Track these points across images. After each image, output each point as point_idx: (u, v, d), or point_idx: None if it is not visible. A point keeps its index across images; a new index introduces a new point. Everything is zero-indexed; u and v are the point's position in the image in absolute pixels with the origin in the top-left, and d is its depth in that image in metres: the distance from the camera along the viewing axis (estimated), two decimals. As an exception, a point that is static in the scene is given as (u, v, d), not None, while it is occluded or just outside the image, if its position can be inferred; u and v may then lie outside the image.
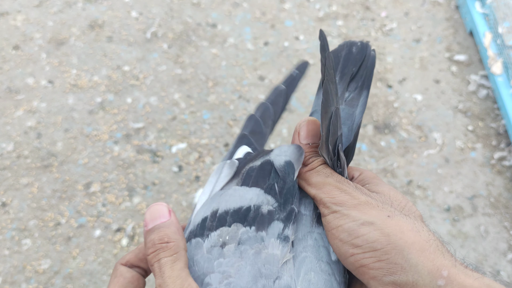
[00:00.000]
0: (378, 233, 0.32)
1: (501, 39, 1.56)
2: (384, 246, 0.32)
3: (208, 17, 1.74)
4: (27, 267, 1.20)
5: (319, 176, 0.38)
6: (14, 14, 1.72)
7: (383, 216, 0.34)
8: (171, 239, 0.37)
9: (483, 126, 1.49)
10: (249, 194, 0.39)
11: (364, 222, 0.33)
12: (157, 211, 0.39)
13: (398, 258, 0.31)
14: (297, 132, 0.40)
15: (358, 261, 0.33)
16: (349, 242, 0.34)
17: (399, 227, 0.33)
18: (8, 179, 1.34)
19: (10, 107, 1.48)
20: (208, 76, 1.57)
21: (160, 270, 0.35)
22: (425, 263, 0.31)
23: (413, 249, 0.31)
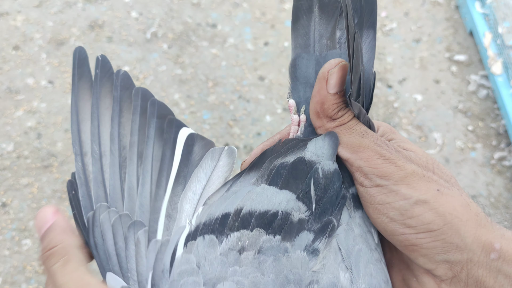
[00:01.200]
0: (433, 214, 0.31)
1: (501, 39, 1.56)
2: (441, 227, 0.31)
3: (208, 17, 1.74)
4: (27, 267, 1.20)
5: (352, 135, 0.34)
6: (14, 15, 1.72)
7: (433, 190, 0.32)
8: (56, 243, 0.34)
9: (483, 126, 1.49)
10: (279, 197, 0.34)
11: (417, 201, 0.31)
12: (42, 218, 0.36)
13: (455, 237, 0.31)
14: (325, 79, 0.34)
15: (409, 240, 0.32)
16: (400, 222, 0.32)
17: (452, 204, 0.31)
18: (8, 179, 1.34)
19: (10, 108, 1.48)
20: (208, 76, 1.57)
21: (52, 279, 0.33)
22: (480, 239, 0.31)
23: (468, 227, 0.31)
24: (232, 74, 1.58)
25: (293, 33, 0.39)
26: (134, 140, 0.41)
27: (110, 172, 0.40)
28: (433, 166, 0.34)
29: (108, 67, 0.42)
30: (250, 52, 1.64)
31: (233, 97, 1.53)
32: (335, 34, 0.37)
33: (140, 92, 0.42)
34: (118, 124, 0.41)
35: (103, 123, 0.41)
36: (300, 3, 0.38)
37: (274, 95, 1.53)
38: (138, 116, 0.41)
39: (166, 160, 0.39)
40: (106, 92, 0.42)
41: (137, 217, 0.38)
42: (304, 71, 0.38)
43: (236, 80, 1.57)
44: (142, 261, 0.36)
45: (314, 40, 0.38)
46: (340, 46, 0.37)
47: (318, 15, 0.37)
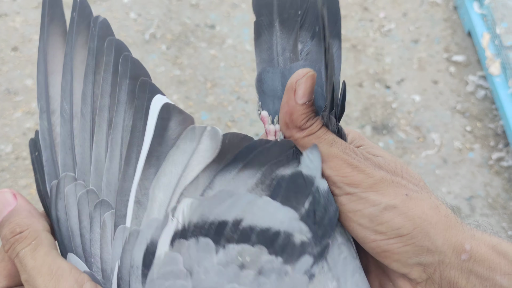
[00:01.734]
0: (402, 218, 0.31)
1: (499, 39, 1.56)
2: (411, 231, 0.31)
3: (206, 18, 1.74)
4: (25, 268, 1.20)
5: (321, 144, 0.34)
6: (13, 16, 1.72)
7: (402, 195, 0.32)
8: (23, 227, 0.32)
9: (481, 126, 1.49)
10: (281, 214, 0.33)
11: (386, 207, 0.31)
12: (1, 201, 0.34)
13: (425, 241, 0.31)
14: (293, 90, 0.34)
15: (381, 247, 0.32)
16: (370, 228, 0.32)
17: (421, 208, 0.32)
18: (6, 180, 1.34)
19: (9, 109, 1.48)
20: (206, 77, 1.58)
21: (22, 264, 0.31)
22: (450, 241, 0.31)
23: (437, 230, 0.31)
24: (230, 75, 1.58)
25: (257, 49, 0.39)
26: (105, 103, 0.36)
27: (79, 138, 0.35)
28: (402, 170, 0.34)
29: (88, 12, 0.37)
30: (249, 53, 1.64)
31: (231, 98, 1.53)
32: (297, 47, 0.38)
33: (114, 43, 0.36)
34: (92, 82, 0.36)
35: (77, 79, 0.37)
36: (261, 20, 0.38)
37: (273, 96, 1.53)
38: (111, 75, 0.36)
39: (136, 133, 0.34)
40: (83, 41, 0.37)
41: (103, 195, 0.34)
42: (271, 84, 0.38)
43: (235, 81, 1.57)
44: (107, 248, 0.33)
45: (277, 54, 0.38)
46: (303, 58, 0.38)
47: (279, 30, 0.38)
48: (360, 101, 1.53)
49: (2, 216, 0.33)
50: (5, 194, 0.34)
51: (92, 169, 0.34)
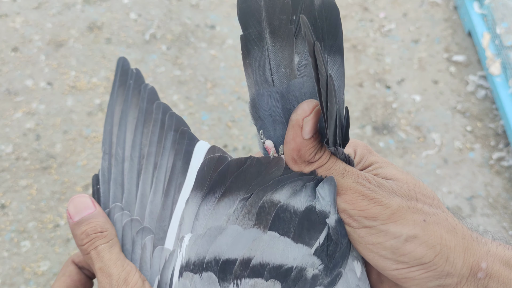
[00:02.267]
0: (424, 248, 0.32)
1: (499, 39, 1.56)
2: (432, 259, 0.32)
3: (206, 19, 1.74)
4: (26, 269, 1.20)
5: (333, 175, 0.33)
6: (13, 16, 1.72)
7: (420, 222, 0.32)
8: (104, 228, 0.38)
9: (481, 126, 1.49)
10: (294, 252, 0.32)
11: (408, 238, 0.32)
12: (81, 203, 0.39)
13: (446, 266, 0.32)
14: (300, 126, 0.32)
15: (402, 275, 0.33)
16: (393, 259, 0.32)
17: (439, 233, 0.32)
18: (7, 181, 1.34)
19: (9, 109, 1.48)
20: (206, 78, 1.58)
21: (99, 256, 0.37)
22: (468, 262, 0.32)
23: (456, 253, 0.32)
24: (230, 75, 1.58)
25: (247, 69, 0.35)
26: (152, 151, 0.41)
27: (128, 177, 0.41)
28: (415, 191, 0.34)
29: (141, 81, 0.44)
30: (249, 53, 1.64)
31: (231, 98, 1.53)
32: (293, 60, 0.33)
33: (161, 106, 0.43)
34: (140, 134, 0.42)
35: (129, 130, 0.43)
36: (248, 32, 0.33)
37: (273, 96, 1.53)
38: (158, 129, 0.42)
39: (176, 171, 0.39)
40: (135, 103, 0.43)
41: (146, 223, 0.39)
42: (268, 109, 0.35)
43: (235, 81, 1.57)
44: (146, 266, 0.38)
45: (271, 72, 0.34)
46: (301, 74, 0.33)
47: (271, 42, 0.33)
48: (360, 101, 1.53)
49: (81, 215, 0.39)
50: (85, 198, 0.40)
51: (137, 202, 0.40)
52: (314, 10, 0.31)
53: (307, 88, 0.33)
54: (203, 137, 1.43)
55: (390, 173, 0.35)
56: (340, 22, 0.32)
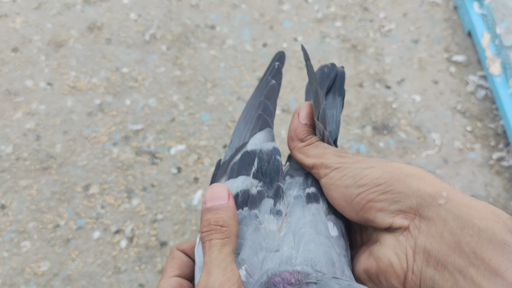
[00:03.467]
0: (380, 171, 0.36)
1: (499, 39, 1.56)
2: (387, 180, 0.36)
3: (206, 19, 1.74)
4: (26, 269, 1.20)
5: (317, 148, 0.42)
6: (13, 17, 1.72)
7: (383, 162, 0.38)
8: (225, 223, 0.38)
9: (481, 126, 1.49)
10: (236, 183, 0.42)
11: (367, 167, 0.37)
12: (217, 191, 0.40)
13: (401, 187, 0.35)
14: (297, 112, 0.44)
15: (364, 198, 0.36)
16: (354, 185, 0.37)
17: (399, 166, 0.37)
18: (7, 181, 1.34)
19: (9, 109, 1.48)
20: (206, 78, 1.58)
21: (210, 250, 0.37)
22: (426, 187, 0.34)
23: (413, 178, 0.35)
24: (230, 76, 1.58)
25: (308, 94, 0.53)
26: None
27: None
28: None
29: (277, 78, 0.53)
30: (249, 53, 1.64)
31: (232, 99, 1.53)
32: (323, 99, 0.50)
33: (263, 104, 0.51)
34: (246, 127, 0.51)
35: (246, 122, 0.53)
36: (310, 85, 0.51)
37: (273, 96, 1.53)
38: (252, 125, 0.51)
39: None
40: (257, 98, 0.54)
41: None
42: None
43: (235, 82, 1.57)
44: None
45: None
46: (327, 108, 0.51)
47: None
48: (360, 101, 1.53)
49: (213, 203, 0.39)
50: (224, 188, 0.41)
51: None
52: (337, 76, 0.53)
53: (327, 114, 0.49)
54: (203, 137, 1.43)
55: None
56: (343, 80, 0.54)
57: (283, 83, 1.56)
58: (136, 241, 1.24)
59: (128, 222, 1.27)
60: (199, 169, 1.37)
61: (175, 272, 0.43)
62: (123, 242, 1.24)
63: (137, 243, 1.24)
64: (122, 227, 1.26)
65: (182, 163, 1.38)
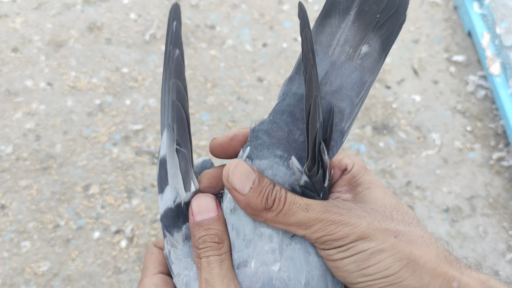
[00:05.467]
0: (390, 260, 0.32)
1: (499, 39, 1.56)
2: (397, 271, 0.32)
3: (206, 19, 1.74)
4: (26, 269, 1.20)
5: (296, 214, 0.34)
6: (13, 17, 1.72)
7: (391, 238, 0.32)
8: (221, 240, 0.36)
9: (481, 126, 1.49)
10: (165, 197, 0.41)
11: (374, 251, 0.32)
12: (205, 204, 0.37)
13: (411, 280, 0.32)
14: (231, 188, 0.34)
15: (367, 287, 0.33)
16: (357, 273, 0.33)
17: (409, 249, 0.32)
18: (7, 181, 1.34)
19: (9, 110, 1.48)
20: (206, 78, 1.58)
21: (209, 266, 0.35)
22: (437, 280, 0.32)
23: (425, 269, 0.32)
24: (230, 76, 1.58)
25: (317, 28, 0.36)
26: None
27: None
28: (392, 212, 0.34)
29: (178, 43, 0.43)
30: (249, 53, 1.64)
31: (231, 99, 1.53)
32: (360, 47, 0.34)
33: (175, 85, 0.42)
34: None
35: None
36: (338, 1, 0.35)
37: (273, 96, 1.53)
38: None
39: None
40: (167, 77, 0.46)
41: None
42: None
43: (235, 82, 1.57)
44: None
45: (337, 43, 0.35)
46: (360, 59, 0.34)
47: (352, 20, 0.35)
48: (360, 101, 1.53)
49: (203, 217, 0.37)
50: (210, 199, 0.37)
51: None
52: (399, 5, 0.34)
53: (355, 75, 0.34)
54: (203, 137, 1.43)
55: (374, 195, 0.36)
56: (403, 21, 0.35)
57: (281, 82, 1.55)
58: (136, 241, 1.24)
59: (128, 222, 1.27)
60: (199, 169, 1.37)
61: (158, 268, 0.41)
62: (123, 242, 1.24)
63: (137, 243, 1.24)
64: (122, 227, 1.26)
65: (182, 163, 1.38)
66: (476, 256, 1.23)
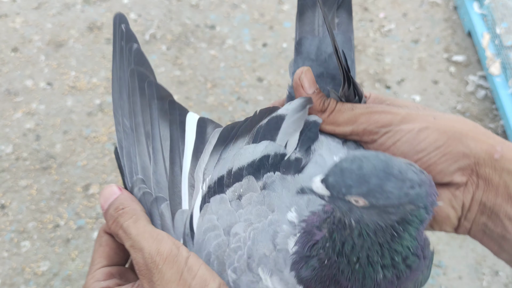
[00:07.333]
0: (436, 133, 0.36)
1: (499, 39, 1.56)
2: (445, 141, 0.36)
3: (206, 19, 1.74)
4: (26, 269, 1.20)
5: (344, 113, 0.40)
6: (13, 17, 1.72)
7: (431, 118, 0.37)
8: (125, 205, 0.38)
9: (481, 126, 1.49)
10: (259, 148, 0.41)
11: (420, 129, 0.37)
12: (108, 192, 0.40)
13: (459, 147, 0.36)
14: (300, 85, 0.42)
15: (425, 163, 0.36)
16: (412, 151, 0.37)
17: (450, 123, 0.37)
18: (7, 181, 1.34)
19: (9, 109, 1.48)
20: (206, 78, 1.58)
21: (126, 233, 0.36)
22: (482, 145, 0.36)
23: (469, 137, 0.36)
24: (230, 76, 1.58)
25: (299, 23, 0.48)
26: (139, 121, 0.44)
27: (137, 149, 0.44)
28: (423, 108, 0.40)
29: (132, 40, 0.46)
30: (249, 53, 1.64)
31: (231, 98, 1.53)
32: (334, 20, 0.47)
33: (136, 73, 0.45)
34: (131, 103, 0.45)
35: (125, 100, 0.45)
36: (305, 1, 0.48)
37: (273, 96, 1.53)
38: (138, 98, 0.44)
39: (175, 140, 0.43)
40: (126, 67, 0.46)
41: (155, 193, 0.41)
42: (308, 47, 0.48)
43: (235, 81, 1.57)
44: (170, 232, 0.40)
45: (318, 25, 0.48)
46: (339, 29, 0.48)
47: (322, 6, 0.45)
48: (360, 101, 1.53)
49: (109, 201, 0.39)
50: (112, 187, 0.40)
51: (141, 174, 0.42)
52: None
53: (340, 38, 0.47)
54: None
55: (401, 102, 0.41)
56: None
57: (281, 82, 1.56)
58: (136, 241, 1.24)
59: (128, 222, 1.27)
60: (199, 169, 1.37)
61: (102, 262, 0.40)
62: (123, 242, 1.24)
63: (137, 243, 1.24)
64: (122, 227, 1.26)
65: (182, 163, 1.38)
66: (475, 256, 1.23)
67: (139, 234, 0.36)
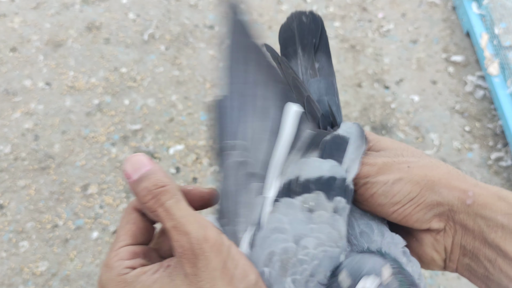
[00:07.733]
0: (409, 185, 0.38)
1: (497, 40, 1.56)
2: (418, 192, 0.37)
3: (205, 19, 1.74)
4: (24, 269, 1.20)
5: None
6: (11, 16, 1.72)
7: (404, 168, 0.39)
8: (166, 183, 0.36)
9: (480, 126, 1.49)
10: (325, 165, 0.41)
11: (394, 181, 0.38)
12: (137, 161, 0.37)
13: (433, 196, 0.37)
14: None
15: (400, 214, 0.38)
16: (388, 203, 0.38)
17: (423, 172, 0.38)
18: (5, 181, 1.34)
19: (8, 109, 1.48)
20: (205, 78, 1.58)
21: (169, 213, 0.35)
22: (454, 192, 0.37)
23: (441, 185, 0.37)
24: (229, 76, 1.58)
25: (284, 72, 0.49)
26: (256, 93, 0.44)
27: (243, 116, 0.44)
28: (402, 152, 0.41)
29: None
30: (248, 53, 1.64)
31: (230, 99, 1.53)
32: (315, 65, 0.48)
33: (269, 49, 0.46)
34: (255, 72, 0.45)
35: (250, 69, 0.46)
36: (288, 51, 0.48)
37: (272, 96, 1.53)
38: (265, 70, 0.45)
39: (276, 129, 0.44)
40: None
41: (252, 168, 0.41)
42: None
43: (234, 82, 1.57)
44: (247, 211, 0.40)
45: (302, 73, 0.48)
46: (320, 74, 0.48)
47: (302, 54, 0.47)
48: (359, 101, 1.53)
49: (140, 173, 0.37)
50: (141, 156, 0.38)
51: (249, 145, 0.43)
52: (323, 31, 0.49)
53: (322, 84, 0.48)
54: (201, 137, 1.43)
55: (383, 144, 0.43)
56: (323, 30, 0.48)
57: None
58: (134, 241, 1.24)
59: (126, 222, 1.27)
60: (197, 169, 1.37)
61: (127, 240, 0.38)
62: (122, 242, 1.24)
63: (135, 243, 1.24)
64: (121, 227, 1.26)
65: (181, 163, 1.38)
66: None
67: (184, 217, 0.35)
